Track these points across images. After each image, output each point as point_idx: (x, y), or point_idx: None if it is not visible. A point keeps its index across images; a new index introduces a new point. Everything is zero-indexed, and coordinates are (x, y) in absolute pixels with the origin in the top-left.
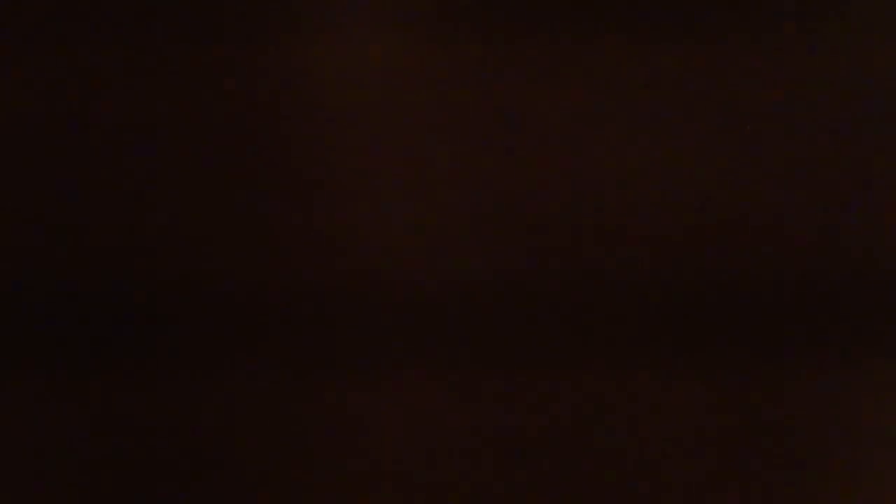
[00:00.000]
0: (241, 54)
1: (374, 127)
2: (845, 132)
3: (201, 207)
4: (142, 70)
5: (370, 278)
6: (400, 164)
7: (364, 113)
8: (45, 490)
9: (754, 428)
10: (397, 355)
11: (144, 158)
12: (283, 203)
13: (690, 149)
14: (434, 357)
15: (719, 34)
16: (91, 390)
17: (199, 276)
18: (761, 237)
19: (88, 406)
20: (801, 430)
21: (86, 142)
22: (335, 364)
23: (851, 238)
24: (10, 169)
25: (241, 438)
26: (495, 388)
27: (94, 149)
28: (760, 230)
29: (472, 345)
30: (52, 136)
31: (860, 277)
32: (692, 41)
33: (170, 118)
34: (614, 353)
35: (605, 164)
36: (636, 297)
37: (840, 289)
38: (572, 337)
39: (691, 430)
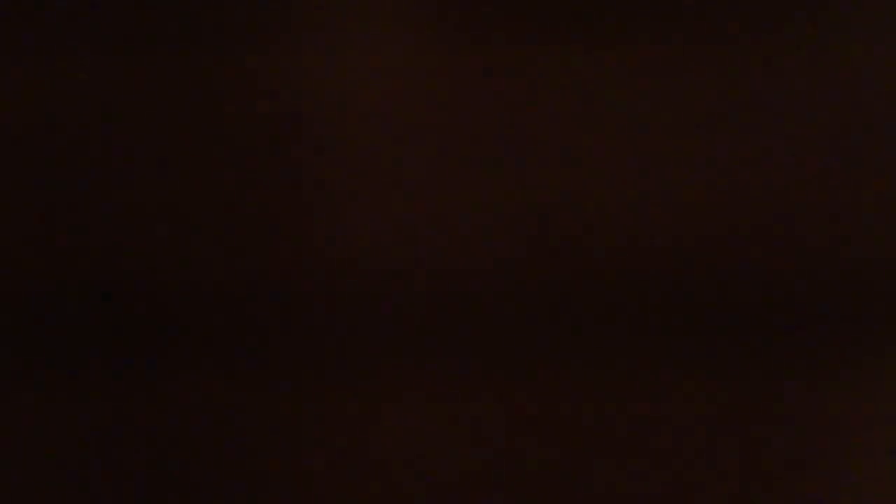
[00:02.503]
0: (241, 54)
1: (373, 127)
2: (846, 132)
3: (202, 208)
4: (142, 71)
5: (370, 279)
6: (400, 164)
7: (363, 113)
8: (43, 490)
9: (755, 429)
10: (396, 356)
11: (144, 159)
12: (283, 203)
13: (692, 149)
14: (433, 358)
15: (719, 34)
16: (91, 390)
17: (199, 276)
18: (763, 238)
19: (89, 406)
20: (802, 431)
21: (86, 142)
22: (334, 364)
23: (852, 238)
24: (12, 169)
25: (240, 439)
26: (495, 389)
27: (95, 149)
28: (762, 231)
29: (471, 345)
30: (52, 137)
31: (861, 278)
32: (692, 42)
33: (170, 118)
34: (614, 354)
35: (606, 164)
36: (636, 298)
37: (840, 289)
38: (572, 337)
39: (690, 430)
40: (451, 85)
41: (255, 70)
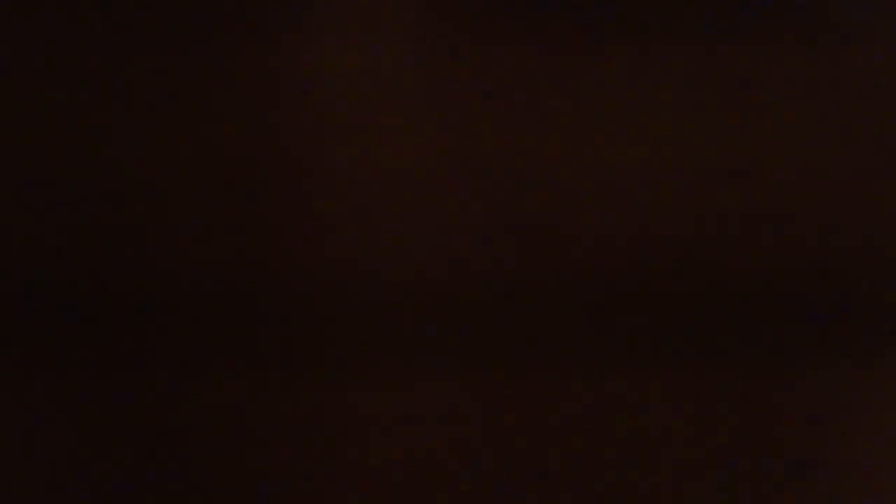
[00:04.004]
0: (241, 52)
1: (373, 127)
2: (846, 131)
3: (200, 205)
4: (139, 68)
5: (369, 278)
6: (400, 163)
7: (363, 113)
8: (37, 488)
9: (755, 427)
10: (394, 355)
11: (144, 158)
12: (282, 202)
13: (691, 149)
14: (431, 357)
15: (719, 34)
16: (88, 388)
17: (198, 276)
18: (763, 237)
19: (85, 404)
20: (803, 429)
21: (86, 141)
22: (333, 363)
23: (852, 238)
24: (9, 166)
25: (239, 438)
26: (495, 389)
27: (94, 147)
28: (762, 230)
29: (470, 345)
30: (52, 135)
31: (861, 277)
32: (690, 41)
33: (168, 116)
34: (615, 353)
35: (606, 164)
36: (636, 298)
37: (840, 288)
38: (573, 336)
39: (689, 429)
40: (450, 85)
41: (256, 69)
